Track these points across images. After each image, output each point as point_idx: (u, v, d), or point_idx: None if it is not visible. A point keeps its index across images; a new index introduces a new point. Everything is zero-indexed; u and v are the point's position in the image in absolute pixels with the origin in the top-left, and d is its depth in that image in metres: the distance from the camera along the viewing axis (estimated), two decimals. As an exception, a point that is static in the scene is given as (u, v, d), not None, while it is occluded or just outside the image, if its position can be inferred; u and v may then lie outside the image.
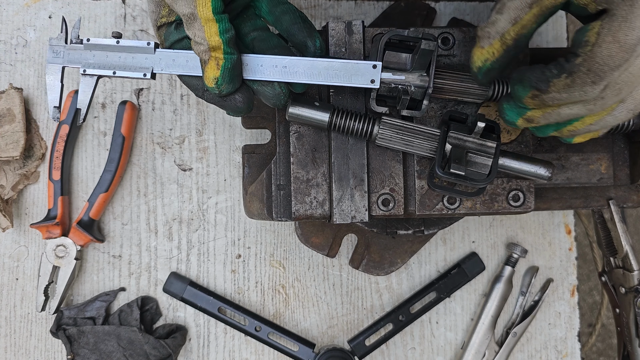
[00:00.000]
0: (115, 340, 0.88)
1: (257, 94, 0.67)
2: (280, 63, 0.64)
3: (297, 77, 0.65)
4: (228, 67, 0.62)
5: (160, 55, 0.66)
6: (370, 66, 0.64)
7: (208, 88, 0.65)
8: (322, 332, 0.94)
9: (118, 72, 0.67)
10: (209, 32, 0.61)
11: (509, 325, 0.95)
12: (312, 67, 0.64)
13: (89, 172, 0.93)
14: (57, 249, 0.89)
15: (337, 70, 0.65)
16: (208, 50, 0.62)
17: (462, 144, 0.66)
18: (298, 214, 0.71)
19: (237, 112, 0.67)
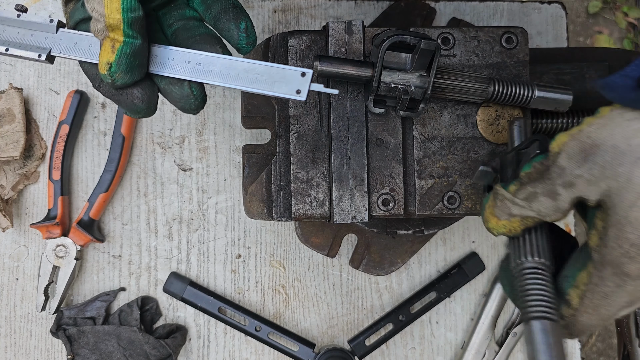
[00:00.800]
0: (116, 340, 0.88)
1: (164, 94, 0.58)
2: (195, 59, 0.56)
3: (210, 78, 0.56)
4: (126, 53, 0.53)
5: (62, 35, 0.58)
6: (297, 74, 0.56)
7: (101, 76, 0.55)
8: (322, 332, 0.94)
9: (11, 50, 0.58)
10: (110, 8, 0.51)
11: (509, 325, 0.95)
12: (230, 67, 0.56)
13: (89, 172, 0.93)
14: (57, 249, 0.90)
15: (258, 74, 0.56)
16: (105, 29, 0.52)
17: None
18: (298, 214, 0.71)
19: (134, 111, 0.57)
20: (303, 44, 0.72)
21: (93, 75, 0.57)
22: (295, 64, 0.72)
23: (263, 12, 0.95)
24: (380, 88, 0.66)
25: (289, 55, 0.72)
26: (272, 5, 0.95)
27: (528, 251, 0.55)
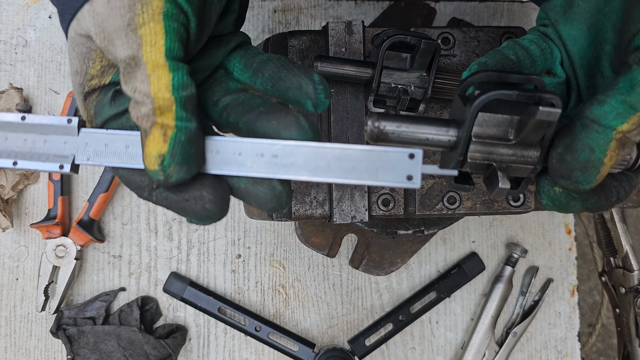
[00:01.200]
0: (115, 340, 0.88)
1: (241, 196, 0.47)
2: (269, 150, 0.45)
3: (293, 172, 0.45)
4: (181, 140, 0.42)
5: (86, 137, 0.46)
6: (404, 156, 0.46)
7: (149, 173, 0.43)
8: (322, 332, 0.94)
9: (21, 163, 0.46)
10: (157, 85, 0.41)
11: (509, 325, 0.95)
12: (317, 156, 0.45)
13: (88, 171, 0.93)
14: (57, 249, 0.89)
15: (355, 161, 0.45)
16: (153, 113, 0.42)
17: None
18: (298, 214, 0.71)
19: (204, 218, 0.45)
20: (303, 44, 0.72)
21: (137, 183, 0.46)
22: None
23: (263, 12, 0.95)
24: (380, 88, 0.66)
25: (289, 55, 0.72)
26: (272, 5, 0.95)
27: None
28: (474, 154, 0.47)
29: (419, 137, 0.47)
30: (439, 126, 0.48)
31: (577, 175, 0.47)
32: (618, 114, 0.45)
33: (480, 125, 0.47)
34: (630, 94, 0.45)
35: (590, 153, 0.46)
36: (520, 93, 0.45)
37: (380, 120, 0.47)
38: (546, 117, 0.44)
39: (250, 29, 0.95)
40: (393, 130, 0.47)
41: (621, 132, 0.45)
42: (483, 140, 0.47)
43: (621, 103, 0.45)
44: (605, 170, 0.47)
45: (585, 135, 0.46)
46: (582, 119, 0.46)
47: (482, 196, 0.72)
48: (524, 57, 0.52)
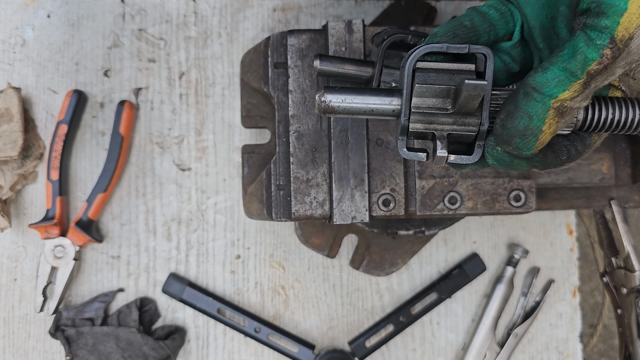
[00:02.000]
0: (114, 341, 0.88)
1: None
2: None
3: None
4: None
5: None
6: None
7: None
8: (322, 333, 0.93)
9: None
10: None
11: (510, 326, 0.94)
12: None
13: (87, 172, 0.93)
14: (55, 249, 0.89)
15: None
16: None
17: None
18: (298, 215, 0.70)
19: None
20: (303, 43, 0.72)
21: None
22: (295, 63, 0.72)
23: (263, 11, 0.95)
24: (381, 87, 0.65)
25: (289, 54, 0.72)
26: (272, 4, 0.95)
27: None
28: (415, 124, 0.50)
29: (364, 108, 0.50)
30: (383, 96, 0.50)
31: (516, 142, 0.48)
32: (559, 82, 0.46)
33: (420, 96, 0.49)
34: (571, 61, 0.46)
35: (529, 121, 0.47)
36: (450, 45, 0.48)
37: (326, 94, 0.49)
38: (473, 89, 0.46)
39: (249, 27, 0.95)
40: (339, 103, 0.50)
41: (560, 100, 0.46)
42: (423, 111, 0.50)
43: (562, 70, 0.46)
44: (544, 138, 0.48)
45: (525, 103, 0.47)
46: (524, 86, 0.47)
47: (484, 196, 0.72)
48: (480, 22, 0.53)
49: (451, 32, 0.51)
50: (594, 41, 0.45)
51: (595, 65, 0.45)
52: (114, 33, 0.93)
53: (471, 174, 0.72)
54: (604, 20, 0.44)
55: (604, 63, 0.45)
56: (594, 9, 0.45)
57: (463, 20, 0.52)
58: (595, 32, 0.45)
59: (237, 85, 0.93)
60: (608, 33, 0.44)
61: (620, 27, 0.44)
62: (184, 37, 0.94)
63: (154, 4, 0.94)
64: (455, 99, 0.49)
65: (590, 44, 0.45)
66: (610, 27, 0.44)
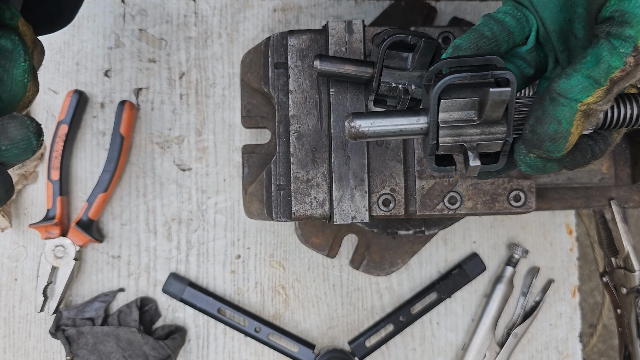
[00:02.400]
0: (115, 341, 0.88)
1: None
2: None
3: None
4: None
5: None
6: None
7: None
8: (322, 333, 0.93)
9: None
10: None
11: (510, 326, 0.94)
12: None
13: (87, 172, 0.93)
14: (56, 249, 0.89)
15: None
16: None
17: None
18: (298, 214, 0.70)
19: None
20: (303, 43, 0.72)
21: None
22: (295, 63, 0.72)
23: (263, 11, 0.95)
24: (381, 87, 0.65)
25: (289, 54, 0.72)
26: (272, 4, 0.95)
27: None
28: (445, 138, 0.51)
29: (393, 130, 0.51)
30: (410, 116, 0.51)
31: (547, 145, 0.50)
32: (583, 88, 0.48)
33: (446, 111, 0.51)
34: (595, 69, 0.47)
35: (558, 125, 0.49)
36: (474, 74, 0.49)
37: (355, 120, 0.51)
38: (498, 97, 0.48)
39: (250, 28, 0.95)
40: (368, 128, 0.51)
41: (586, 104, 0.48)
42: (450, 124, 0.51)
43: (586, 78, 0.47)
44: (573, 139, 0.50)
45: (553, 108, 0.48)
46: (550, 92, 0.49)
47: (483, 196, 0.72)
48: (499, 31, 0.54)
49: (474, 45, 0.53)
50: (617, 49, 0.46)
51: (619, 72, 0.47)
52: (115, 33, 0.94)
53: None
54: (628, 29, 0.45)
55: (627, 70, 0.46)
56: (618, 17, 0.46)
57: (483, 30, 0.53)
58: (618, 41, 0.46)
59: (237, 86, 0.94)
60: (632, 42, 0.45)
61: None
62: (185, 37, 0.94)
63: (155, 5, 0.94)
64: (481, 110, 0.50)
65: (613, 52, 0.46)
66: (634, 36, 0.45)
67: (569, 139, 0.49)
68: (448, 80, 0.48)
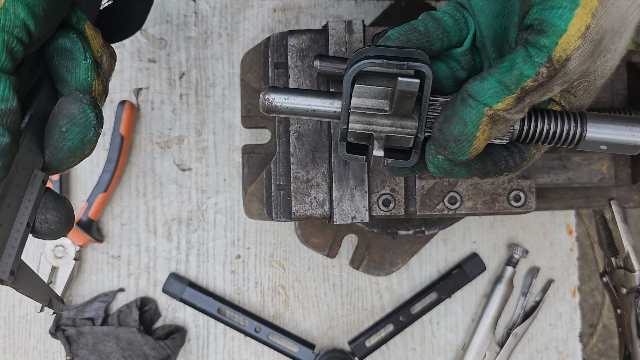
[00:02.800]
0: (115, 341, 0.88)
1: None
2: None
3: None
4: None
5: None
6: None
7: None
8: (322, 333, 0.93)
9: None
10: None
11: (510, 326, 0.94)
12: None
13: (87, 172, 0.93)
14: (55, 249, 0.89)
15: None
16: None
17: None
18: (298, 215, 0.70)
19: (50, 236, 0.48)
20: (303, 43, 0.72)
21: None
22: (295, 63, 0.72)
23: (263, 11, 0.95)
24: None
25: (289, 54, 0.72)
26: (272, 4, 0.95)
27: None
28: (354, 124, 0.50)
29: (306, 108, 0.51)
30: (325, 98, 0.51)
31: (452, 146, 0.49)
32: (494, 93, 0.46)
33: (359, 97, 0.50)
34: (507, 75, 0.46)
35: (464, 126, 0.48)
36: (389, 62, 0.48)
37: (269, 93, 0.51)
38: (406, 87, 0.47)
39: (250, 28, 0.95)
40: (282, 102, 0.51)
41: (494, 109, 0.47)
42: (362, 111, 0.50)
43: (498, 83, 0.46)
44: (478, 144, 0.49)
45: (461, 109, 0.48)
46: (462, 93, 0.48)
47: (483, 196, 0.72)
48: (434, 28, 0.53)
49: (404, 37, 0.52)
50: (532, 58, 0.45)
51: (530, 82, 0.46)
52: (115, 33, 0.94)
53: (471, 174, 0.73)
54: (544, 39, 0.45)
55: (539, 81, 0.45)
56: (537, 26, 0.45)
57: (417, 25, 0.53)
58: (534, 49, 0.45)
59: (237, 86, 0.94)
60: (546, 52, 0.45)
61: (558, 48, 0.44)
62: (185, 37, 0.94)
63: (154, 4, 0.94)
64: (392, 99, 0.50)
65: (527, 60, 0.45)
66: (548, 46, 0.45)
67: (473, 142, 0.48)
68: (362, 65, 0.48)
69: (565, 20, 0.44)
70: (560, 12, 0.44)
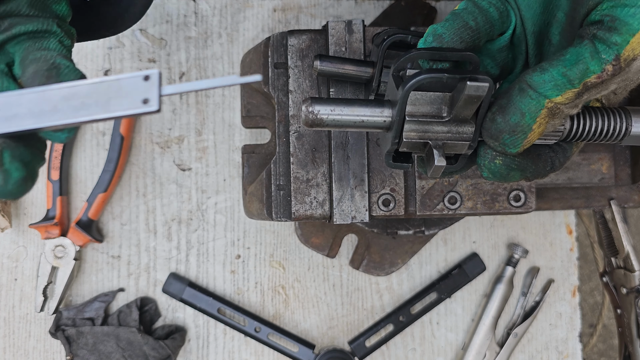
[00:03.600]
0: (115, 341, 0.88)
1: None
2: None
3: (16, 123, 0.42)
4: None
5: None
6: (138, 80, 0.42)
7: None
8: (322, 333, 0.93)
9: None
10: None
11: (509, 326, 0.94)
12: (43, 100, 0.42)
13: (87, 172, 0.93)
14: (55, 249, 0.89)
15: (84, 97, 0.42)
16: None
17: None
18: (298, 214, 0.70)
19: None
20: (303, 43, 0.72)
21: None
22: (295, 63, 0.72)
23: (263, 11, 0.95)
24: (381, 87, 0.65)
25: (289, 54, 0.72)
26: (272, 4, 0.95)
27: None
28: (409, 133, 0.48)
29: (354, 120, 0.48)
30: (374, 107, 0.48)
31: (504, 137, 0.47)
32: (555, 85, 0.45)
33: (414, 104, 0.47)
34: (572, 68, 0.45)
35: (521, 117, 0.46)
36: (450, 76, 0.45)
37: (314, 105, 0.47)
38: (475, 91, 0.45)
39: (249, 28, 0.95)
40: (327, 114, 0.47)
41: (554, 102, 0.46)
42: (417, 119, 0.48)
43: (561, 75, 0.45)
44: (532, 137, 0.47)
45: (519, 99, 0.46)
46: (521, 83, 0.47)
47: (483, 196, 0.72)
48: (483, 22, 0.51)
49: (458, 38, 0.49)
50: (599, 54, 0.45)
51: (595, 78, 0.45)
52: (115, 33, 0.94)
53: (471, 174, 0.72)
54: (616, 36, 0.44)
55: (602, 78, 0.45)
56: (607, 22, 0.44)
57: (468, 19, 0.50)
58: (603, 46, 0.44)
59: (237, 86, 0.93)
60: (615, 50, 0.44)
61: (629, 47, 0.44)
62: (184, 37, 0.94)
63: (154, 4, 0.94)
64: (452, 106, 0.48)
65: (595, 56, 0.45)
66: (619, 44, 0.44)
67: (528, 135, 0.47)
68: (423, 78, 0.45)
69: (639, 19, 0.43)
70: (634, 11, 0.43)
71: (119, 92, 0.42)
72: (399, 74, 0.49)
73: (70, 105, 0.42)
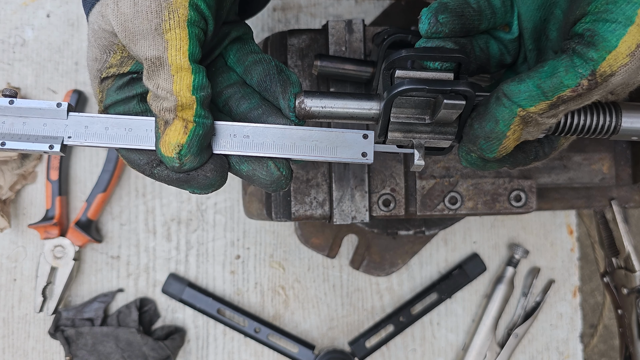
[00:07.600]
0: (114, 341, 0.87)
1: (245, 178, 0.55)
2: (241, 132, 0.51)
3: (263, 150, 0.51)
4: (198, 134, 0.48)
5: (73, 120, 0.50)
6: (359, 136, 0.52)
7: (164, 158, 0.50)
8: (322, 333, 0.93)
9: (9, 144, 0.50)
10: (180, 85, 0.47)
11: (510, 326, 0.94)
12: (284, 136, 0.51)
13: (87, 172, 0.92)
14: (55, 249, 0.89)
15: (317, 141, 0.51)
16: (174, 108, 0.48)
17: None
18: (298, 215, 0.70)
19: (207, 186, 0.54)
20: (303, 42, 0.72)
21: (135, 162, 0.51)
22: (295, 63, 0.72)
23: (263, 11, 0.95)
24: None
25: (289, 54, 0.71)
26: (272, 3, 0.95)
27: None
28: (394, 133, 0.51)
29: (343, 113, 0.51)
30: (363, 101, 0.51)
31: (481, 143, 0.49)
32: (530, 96, 0.46)
33: (399, 107, 0.50)
34: (546, 81, 0.45)
35: (495, 124, 0.48)
36: (430, 88, 0.48)
37: (306, 99, 0.51)
38: (452, 108, 0.47)
39: (249, 28, 0.95)
40: (319, 109, 0.51)
41: (526, 111, 0.46)
42: (402, 121, 0.51)
43: (536, 87, 0.46)
44: (508, 143, 0.49)
45: (494, 107, 0.48)
46: (498, 92, 0.48)
47: (484, 196, 0.72)
48: (485, 7, 0.52)
49: (460, 10, 0.50)
50: (575, 68, 0.44)
51: (569, 92, 0.45)
52: (114, 33, 0.93)
53: (471, 174, 0.72)
54: (592, 52, 0.44)
55: (578, 92, 0.45)
56: (587, 37, 0.44)
57: (470, 0, 0.51)
58: (580, 60, 0.44)
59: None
60: (591, 65, 0.44)
61: (605, 63, 0.44)
62: (184, 37, 0.94)
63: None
64: (434, 111, 0.50)
65: (570, 70, 0.45)
66: (595, 60, 0.44)
67: (502, 141, 0.48)
68: (404, 90, 0.48)
69: (618, 36, 0.43)
70: (614, 27, 0.43)
71: (343, 142, 0.52)
72: (389, 72, 0.51)
73: (306, 145, 0.51)
